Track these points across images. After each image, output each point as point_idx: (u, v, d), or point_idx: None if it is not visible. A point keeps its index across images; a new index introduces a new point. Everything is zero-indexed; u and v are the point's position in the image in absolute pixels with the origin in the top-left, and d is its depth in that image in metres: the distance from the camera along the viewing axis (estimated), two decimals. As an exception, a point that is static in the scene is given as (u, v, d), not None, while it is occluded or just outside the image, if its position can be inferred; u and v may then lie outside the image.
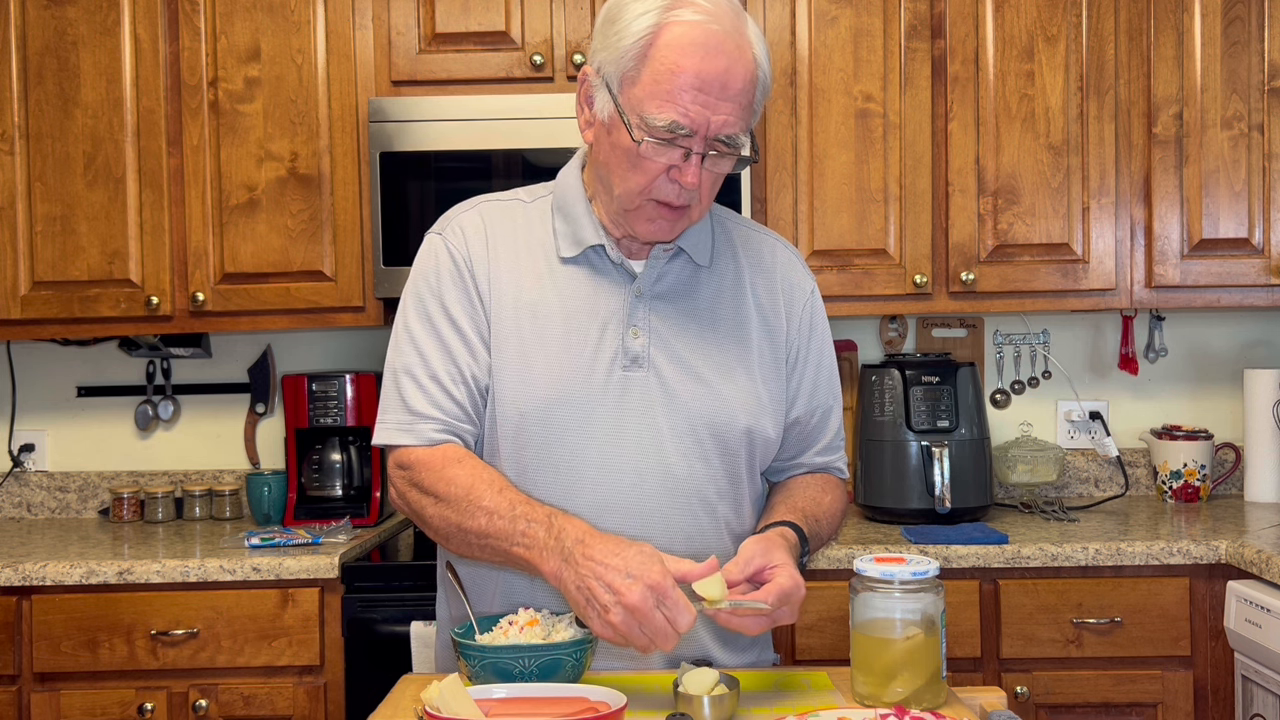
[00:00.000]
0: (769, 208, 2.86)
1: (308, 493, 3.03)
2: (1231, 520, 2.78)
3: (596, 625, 1.39)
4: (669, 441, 1.61)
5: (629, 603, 1.35)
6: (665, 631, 1.36)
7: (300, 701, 2.55)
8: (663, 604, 1.36)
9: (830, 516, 1.73)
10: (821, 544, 1.71)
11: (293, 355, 3.27)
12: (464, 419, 1.62)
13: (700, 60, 1.49)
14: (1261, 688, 2.35)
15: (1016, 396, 3.25)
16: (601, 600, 1.37)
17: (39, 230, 2.87)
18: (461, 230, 1.67)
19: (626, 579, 1.36)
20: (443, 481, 1.55)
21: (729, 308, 1.68)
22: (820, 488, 1.75)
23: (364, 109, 2.84)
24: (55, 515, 3.27)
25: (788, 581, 1.45)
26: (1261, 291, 2.86)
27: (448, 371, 1.61)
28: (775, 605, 1.43)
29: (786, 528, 1.60)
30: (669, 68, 1.49)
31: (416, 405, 1.61)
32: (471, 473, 1.55)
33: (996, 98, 2.85)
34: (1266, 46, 2.82)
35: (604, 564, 1.39)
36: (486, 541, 1.51)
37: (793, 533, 1.59)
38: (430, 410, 1.60)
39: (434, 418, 1.60)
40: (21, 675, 2.57)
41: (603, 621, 1.37)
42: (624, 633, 1.37)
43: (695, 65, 1.49)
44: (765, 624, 1.45)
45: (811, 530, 1.65)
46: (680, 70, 1.49)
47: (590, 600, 1.38)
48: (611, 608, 1.36)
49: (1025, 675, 2.54)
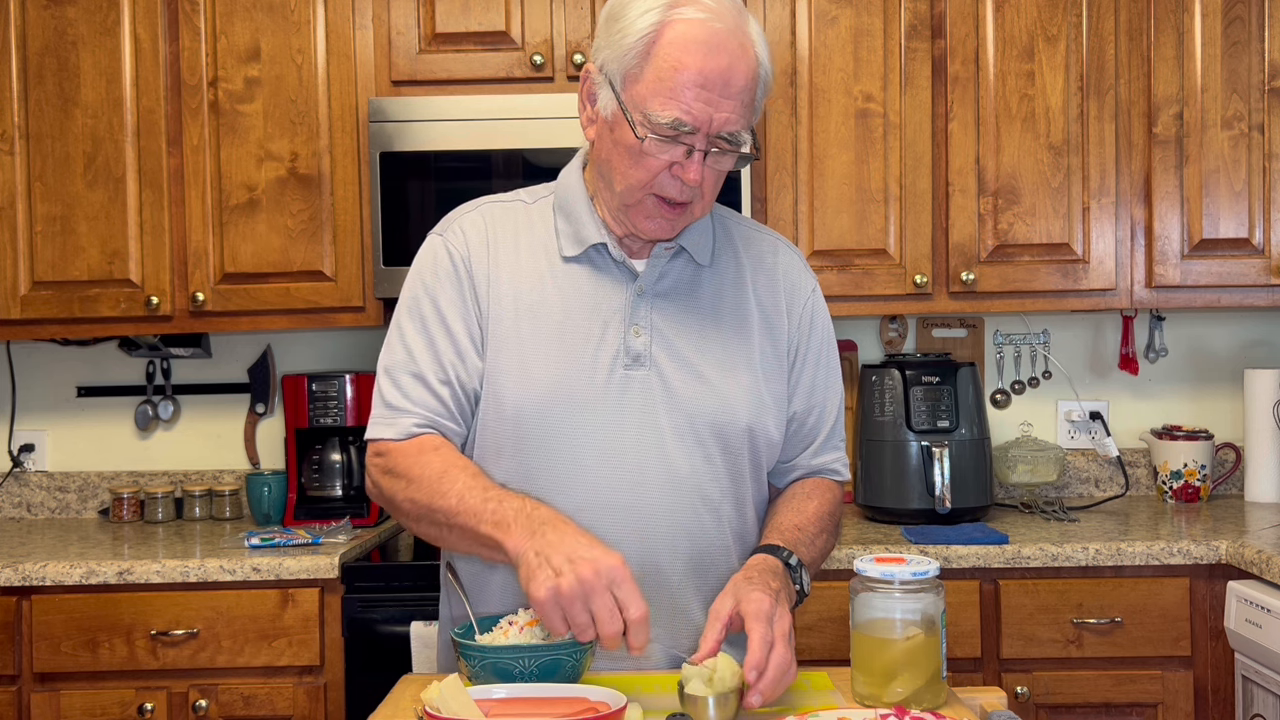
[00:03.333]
0: (769, 208, 2.86)
1: (308, 493, 3.03)
2: (1232, 520, 2.78)
3: (537, 587, 1.35)
4: (671, 440, 1.61)
5: (582, 573, 1.34)
6: (610, 612, 1.34)
7: (300, 702, 2.55)
8: (617, 587, 1.35)
9: (817, 520, 1.70)
10: (815, 543, 1.68)
11: (293, 355, 3.27)
12: (446, 416, 1.63)
13: (703, 58, 1.50)
14: (1261, 688, 2.35)
15: (1017, 396, 3.25)
16: (555, 564, 1.36)
17: (39, 230, 2.87)
18: (463, 231, 1.68)
19: (588, 555, 1.36)
20: (416, 466, 1.56)
21: (730, 306, 1.69)
22: (805, 495, 1.73)
23: (364, 109, 2.84)
24: (55, 515, 3.26)
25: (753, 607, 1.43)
26: (1262, 291, 2.86)
27: (434, 372, 1.62)
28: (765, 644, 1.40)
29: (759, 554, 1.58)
30: (672, 65, 1.50)
31: (398, 401, 1.62)
32: (445, 459, 1.56)
33: (997, 98, 2.85)
34: (1267, 46, 2.82)
35: (572, 540, 1.38)
36: (455, 520, 1.50)
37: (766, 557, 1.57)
38: (411, 406, 1.62)
39: (415, 412, 1.61)
40: (21, 675, 2.57)
41: (550, 585, 1.34)
42: (566, 600, 1.34)
43: (698, 63, 1.50)
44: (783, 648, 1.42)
45: (793, 538, 1.63)
46: (683, 68, 1.50)
47: (544, 564, 1.37)
48: (564, 571, 1.35)
49: (1025, 675, 2.54)
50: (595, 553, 1.37)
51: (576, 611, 1.35)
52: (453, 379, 1.62)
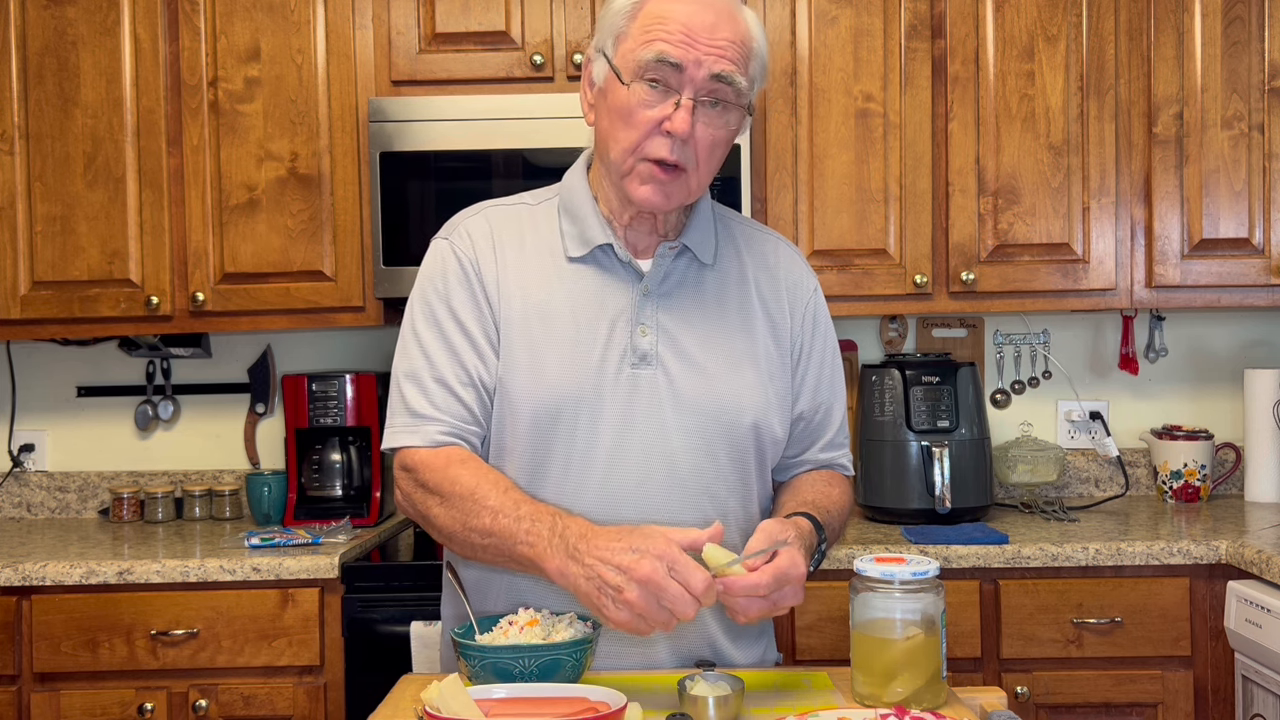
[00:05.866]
0: (769, 208, 2.86)
1: (308, 493, 3.03)
2: (1231, 520, 2.78)
3: (612, 611, 1.37)
4: (677, 438, 1.62)
5: (641, 576, 1.34)
6: (682, 597, 1.34)
7: (300, 702, 2.55)
8: (674, 570, 1.35)
9: (840, 509, 1.73)
10: (837, 535, 1.70)
11: (293, 355, 3.27)
12: (471, 422, 1.63)
13: (689, 12, 1.55)
14: (1261, 688, 2.35)
15: (1017, 396, 3.25)
16: (613, 582, 1.36)
17: (39, 230, 2.87)
18: (468, 234, 1.68)
19: (633, 554, 1.36)
20: (447, 481, 1.56)
21: (734, 305, 1.69)
22: (826, 481, 1.75)
23: (364, 109, 2.84)
24: (55, 515, 3.26)
25: (784, 560, 1.44)
26: (1262, 291, 2.86)
27: (455, 374, 1.62)
28: (770, 586, 1.41)
29: (799, 517, 1.59)
30: (657, 16, 1.55)
31: (422, 408, 1.62)
32: (475, 473, 1.56)
33: (997, 98, 2.85)
34: (1267, 46, 2.82)
35: (609, 548, 1.38)
36: (490, 540, 1.51)
37: (806, 520, 1.59)
38: (436, 413, 1.61)
39: (440, 420, 1.61)
40: (21, 675, 2.57)
41: (619, 604, 1.36)
42: (642, 610, 1.35)
43: (684, 14, 1.55)
44: (766, 607, 1.43)
45: (825, 520, 1.64)
46: (668, 17, 1.55)
47: (602, 587, 1.37)
48: (625, 587, 1.35)
49: (1025, 675, 2.54)
50: (636, 546, 1.37)
51: (654, 613, 1.35)
52: (475, 380, 1.62)
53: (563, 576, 1.43)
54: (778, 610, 1.44)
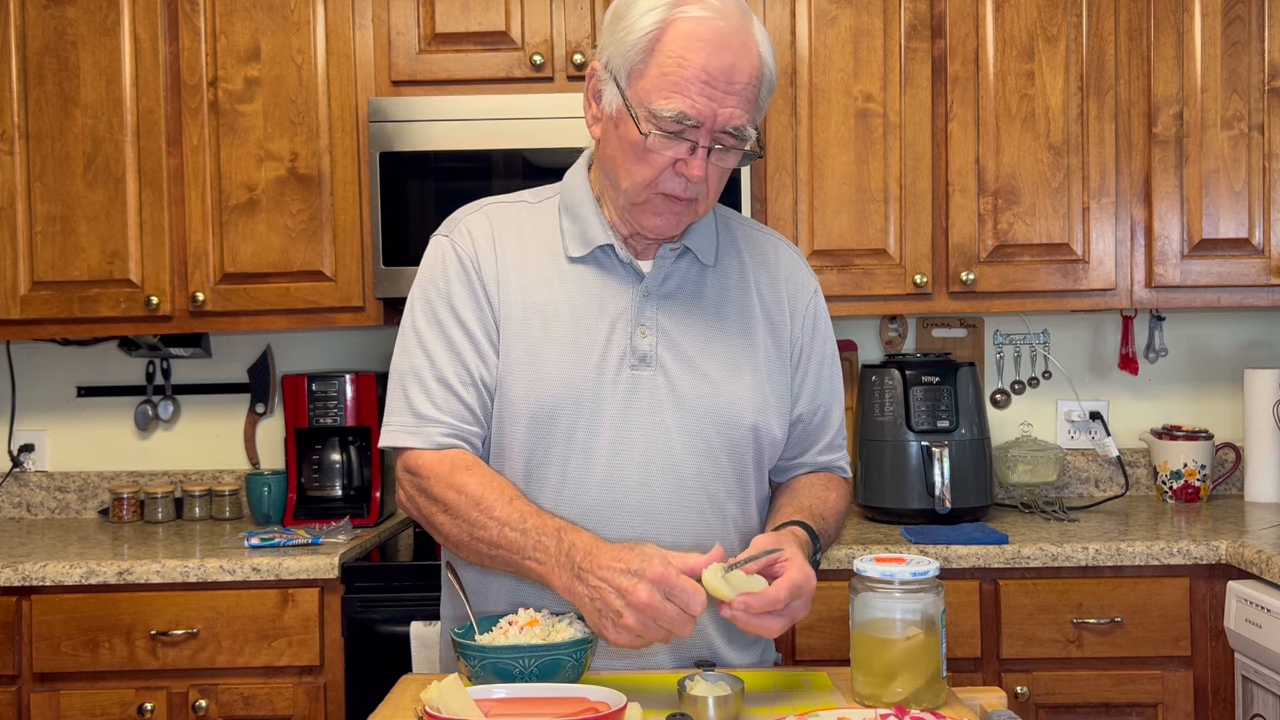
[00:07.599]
0: (769, 208, 2.86)
1: (307, 493, 3.03)
2: (1231, 520, 2.78)
3: (612, 634, 1.40)
4: (676, 440, 1.62)
5: (638, 601, 1.37)
6: (679, 619, 1.37)
7: (300, 702, 2.55)
8: (671, 595, 1.37)
9: (836, 514, 1.73)
10: (830, 541, 1.71)
11: (293, 355, 3.27)
12: (472, 422, 1.62)
13: (707, 55, 1.51)
14: (1261, 688, 2.35)
15: (1016, 396, 3.25)
16: (614, 606, 1.38)
17: (39, 230, 2.87)
18: (469, 232, 1.67)
19: (631, 578, 1.38)
20: (452, 490, 1.56)
21: (735, 306, 1.69)
22: (824, 485, 1.76)
23: (364, 109, 2.84)
24: (55, 515, 3.26)
25: (798, 574, 1.45)
26: (1262, 291, 2.86)
27: (456, 374, 1.62)
28: (788, 598, 1.43)
29: (796, 526, 1.60)
30: (675, 61, 1.51)
31: (424, 408, 1.61)
32: (481, 481, 1.56)
33: (996, 98, 2.85)
34: (1266, 46, 2.82)
35: (609, 568, 1.40)
36: (498, 552, 1.52)
37: (803, 530, 1.60)
38: (437, 414, 1.61)
39: (441, 421, 1.61)
40: (21, 675, 2.57)
41: (618, 628, 1.39)
42: (641, 632, 1.38)
43: (702, 59, 1.51)
44: (783, 623, 1.44)
45: (820, 528, 1.65)
46: (687, 63, 1.51)
47: (604, 610, 1.40)
48: (624, 611, 1.38)
49: (1025, 675, 2.54)
50: (633, 565, 1.39)
51: (653, 634, 1.38)
52: (476, 380, 1.62)
53: (569, 594, 1.45)
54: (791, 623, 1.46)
